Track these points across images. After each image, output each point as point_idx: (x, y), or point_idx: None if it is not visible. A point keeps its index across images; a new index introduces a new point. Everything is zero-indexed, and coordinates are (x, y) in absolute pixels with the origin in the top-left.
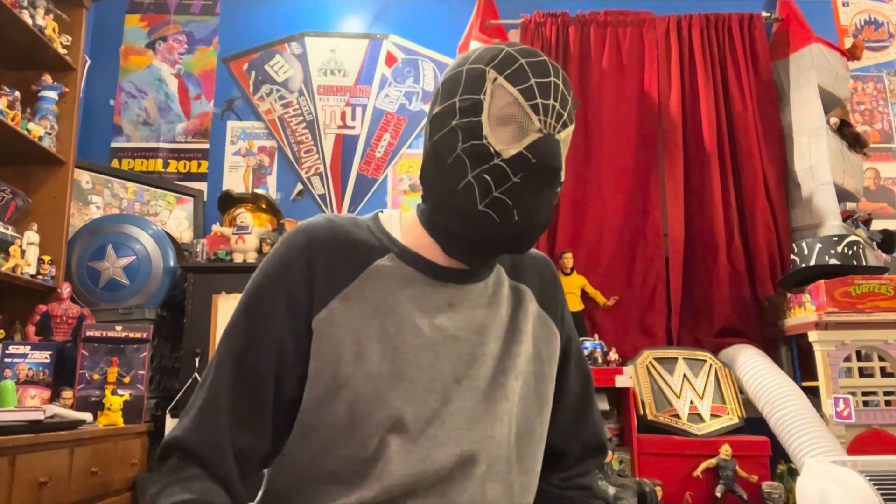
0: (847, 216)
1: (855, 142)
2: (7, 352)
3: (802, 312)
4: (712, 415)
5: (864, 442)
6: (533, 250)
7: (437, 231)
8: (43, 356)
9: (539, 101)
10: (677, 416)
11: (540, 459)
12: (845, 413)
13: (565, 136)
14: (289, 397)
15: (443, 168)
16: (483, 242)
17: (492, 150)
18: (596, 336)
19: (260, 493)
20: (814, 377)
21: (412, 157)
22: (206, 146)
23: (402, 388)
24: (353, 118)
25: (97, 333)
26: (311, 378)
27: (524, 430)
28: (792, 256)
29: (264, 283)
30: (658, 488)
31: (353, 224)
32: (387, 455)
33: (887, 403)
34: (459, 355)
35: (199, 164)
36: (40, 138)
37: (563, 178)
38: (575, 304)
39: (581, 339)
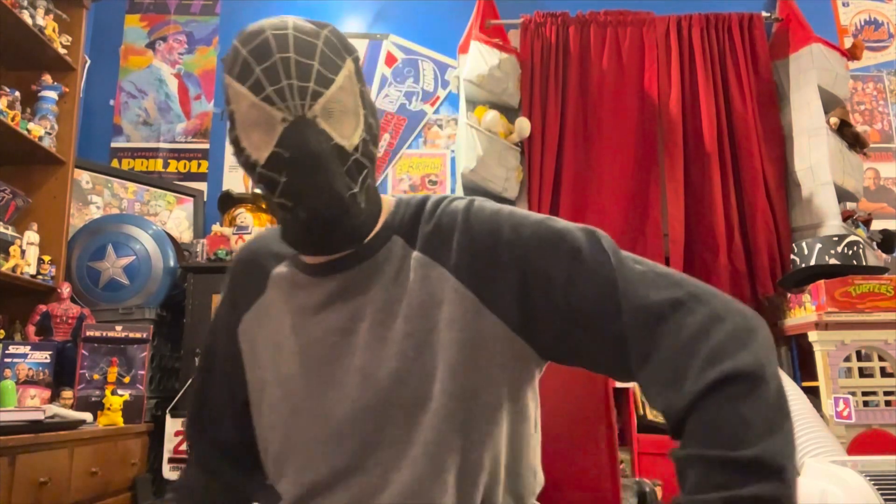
0: (847, 216)
1: (855, 142)
2: (7, 352)
3: (802, 312)
4: None
5: (864, 442)
6: (449, 207)
7: None
8: (43, 356)
9: (269, 90)
10: None
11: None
12: (845, 413)
13: (323, 103)
14: (243, 398)
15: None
16: (302, 247)
17: (251, 159)
18: None
19: None
20: (814, 377)
21: (412, 157)
22: (206, 146)
23: (295, 389)
24: None
25: (97, 333)
26: (246, 377)
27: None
28: (792, 256)
29: (220, 301)
30: (658, 488)
31: (277, 234)
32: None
33: (887, 403)
34: (346, 343)
35: (199, 164)
36: (40, 138)
37: (353, 142)
38: None
39: None
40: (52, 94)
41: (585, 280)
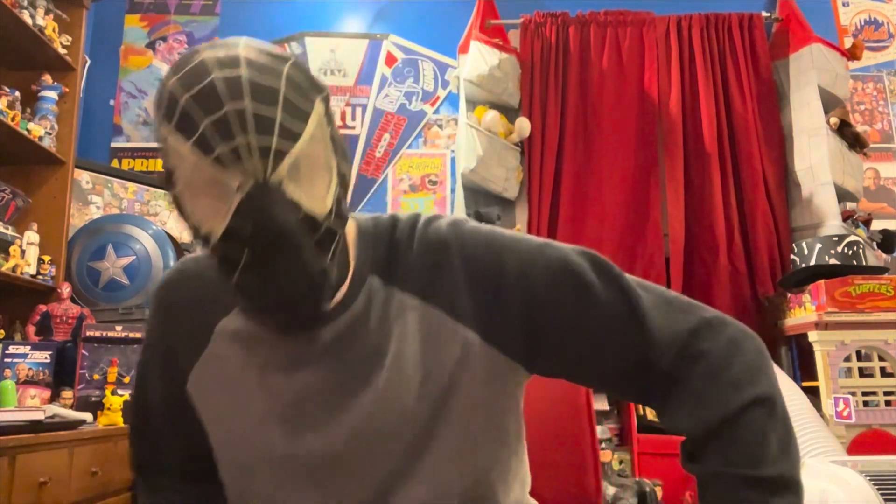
0: (847, 216)
1: (855, 142)
2: (7, 352)
3: (802, 312)
4: None
5: (864, 442)
6: (437, 231)
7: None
8: (43, 356)
9: (221, 149)
10: None
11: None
12: (845, 413)
13: (290, 162)
14: (191, 430)
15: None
16: (265, 322)
17: (201, 231)
18: None
19: None
20: (814, 377)
21: (412, 157)
22: None
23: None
24: (353, 118)
25: (97, 333)
26: (207, 431)
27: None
28: (792, 256)
29: (146, 344)
30: (658, 488)
31: (210, 267)
32: None
33: (887, 403)
34: (330, 401)
35: None
36: (40, 138)
37: (326, 208)
38: None
39: None
40: (52, 94)
41: (599, 313)
